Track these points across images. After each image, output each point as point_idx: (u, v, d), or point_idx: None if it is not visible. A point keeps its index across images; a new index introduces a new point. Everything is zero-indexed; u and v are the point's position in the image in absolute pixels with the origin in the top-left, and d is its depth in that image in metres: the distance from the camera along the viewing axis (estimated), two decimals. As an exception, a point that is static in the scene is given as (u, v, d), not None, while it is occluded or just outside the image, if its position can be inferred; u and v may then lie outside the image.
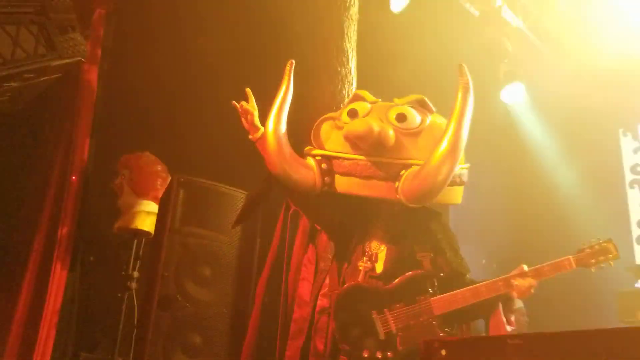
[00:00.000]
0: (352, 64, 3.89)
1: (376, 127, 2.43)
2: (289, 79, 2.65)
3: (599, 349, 1.03)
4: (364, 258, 2.54)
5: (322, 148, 2.66)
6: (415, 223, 2.60)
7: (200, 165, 4.10)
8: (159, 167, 3.78)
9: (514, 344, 1.09)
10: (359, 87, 4.05)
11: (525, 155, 6.07)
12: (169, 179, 3.79)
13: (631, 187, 6.30)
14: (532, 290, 2.36)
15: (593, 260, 2.37)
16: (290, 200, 2.99)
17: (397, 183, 2.43)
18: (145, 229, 3.63)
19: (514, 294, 2.37)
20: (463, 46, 5.25)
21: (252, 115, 2.76)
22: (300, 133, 2.78)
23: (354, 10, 4.08)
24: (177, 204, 3.77)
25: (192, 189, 3.85)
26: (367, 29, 4.13)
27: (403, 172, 2.42)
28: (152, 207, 3.70)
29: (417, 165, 2.43)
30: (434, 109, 2.69)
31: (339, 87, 3.64)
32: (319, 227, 2.90)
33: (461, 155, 2.37)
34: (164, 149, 3.86)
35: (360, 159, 2.50)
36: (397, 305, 2.42)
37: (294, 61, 2.67)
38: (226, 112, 2.90)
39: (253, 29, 4.32)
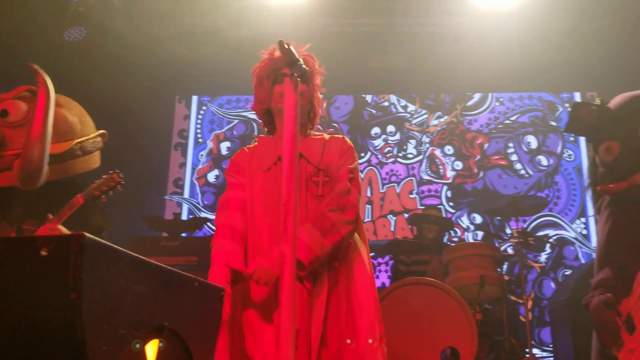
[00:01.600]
0: None
1: None
2: None
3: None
4: None
5: None
6: (49, 198, 2.76)
7: None
8: None
9: None
10: None
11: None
12: None
13: (175, 149, 6.94)
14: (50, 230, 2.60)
15: (98, 192, 2.75)
16: None
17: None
18: None
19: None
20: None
21: None
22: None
23: None
24: None
25: None
26: None
27: (16, 161, 2.62)
28: None
29: None
30: None
31: None
32: None
33: (48, 139, 2.59)
34: None
35: None
36: None
37: None
38: None
39: None
